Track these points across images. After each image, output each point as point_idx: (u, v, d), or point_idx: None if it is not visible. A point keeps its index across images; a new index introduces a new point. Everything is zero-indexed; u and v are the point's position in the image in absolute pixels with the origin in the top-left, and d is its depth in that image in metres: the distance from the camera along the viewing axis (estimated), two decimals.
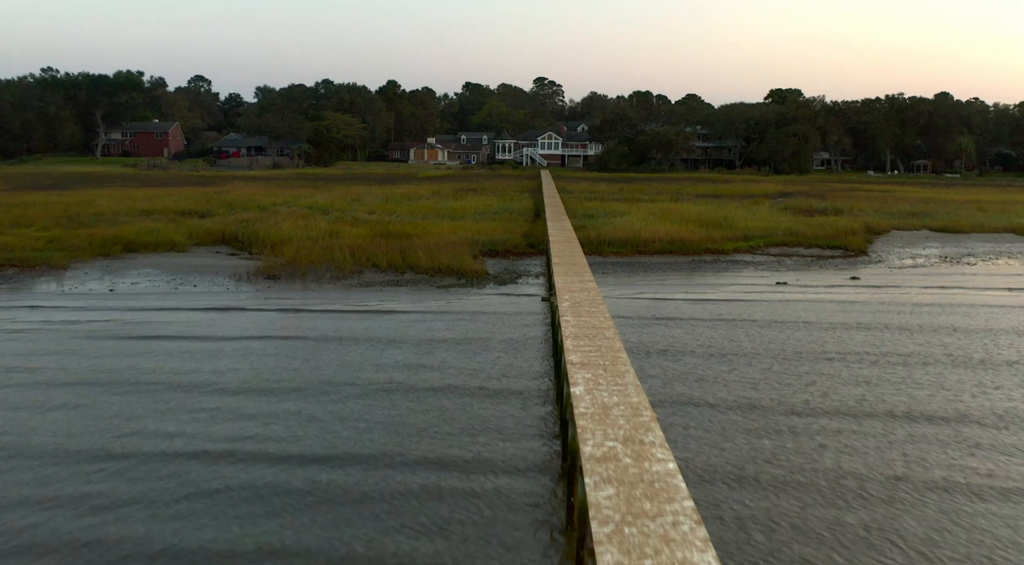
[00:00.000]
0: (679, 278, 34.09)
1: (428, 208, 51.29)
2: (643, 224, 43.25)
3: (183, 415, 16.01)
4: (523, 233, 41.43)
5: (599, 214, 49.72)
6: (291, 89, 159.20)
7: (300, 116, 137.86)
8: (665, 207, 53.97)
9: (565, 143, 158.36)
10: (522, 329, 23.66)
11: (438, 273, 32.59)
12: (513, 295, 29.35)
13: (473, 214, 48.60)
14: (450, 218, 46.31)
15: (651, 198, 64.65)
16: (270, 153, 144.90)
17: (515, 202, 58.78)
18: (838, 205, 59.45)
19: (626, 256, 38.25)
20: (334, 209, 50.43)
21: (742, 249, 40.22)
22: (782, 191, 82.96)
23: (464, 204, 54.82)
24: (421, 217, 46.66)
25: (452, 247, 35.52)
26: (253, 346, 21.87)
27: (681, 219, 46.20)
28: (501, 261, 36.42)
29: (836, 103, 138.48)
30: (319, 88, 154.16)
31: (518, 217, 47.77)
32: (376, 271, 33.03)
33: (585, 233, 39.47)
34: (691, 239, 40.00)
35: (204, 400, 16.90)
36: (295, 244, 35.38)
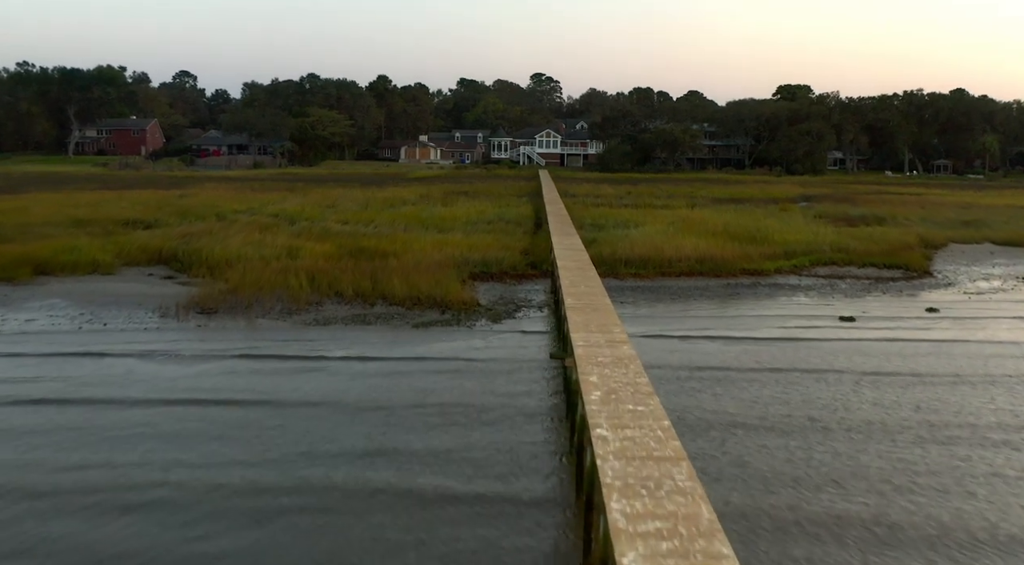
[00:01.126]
0: (714, 307, 27.93)
1: (412, 217, 45.00)
2: (664, 238, 37.02)
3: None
4: (522, 249, 35.17)
5: (609, 224, 43.49)
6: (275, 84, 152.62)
7: (283, 113, 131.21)
8: (683, 215, 47.74)
9: (564, 141, 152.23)
10: (522, 397, 17.43)
11: (417, 304, 26.30)
12: (511, 334, 23.17)
13: (464, 224, 42.33)
14: (436, 230, 40.04)
15: (664, 203, 58.44)
16: (252, 152, 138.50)
17: (512, 208, 52.53)
18: (877, 212, 53.26)
19: (647, 278, 32.00)
20: (303, 218, 44.12)
21: (785, 269, 33.98)
22: (803, 194, 76.90)
23: (454, 211, 48.54)
24: (402, 228, 40.37)
25: (436, 269, 29.27)
26: (137, 417, 15.86)
27: (706, 231, 39.99)
28: (496, 286, 30.12)
29: (851, 99, 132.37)
30: (304, 83, 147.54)
31: (516, 228, 41.51)
32: (339, 302, 26.72)
33: (597, 249, 33.25)
34: (723, 257, 33.78)
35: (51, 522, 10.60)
36: (243, 266, 29.05)
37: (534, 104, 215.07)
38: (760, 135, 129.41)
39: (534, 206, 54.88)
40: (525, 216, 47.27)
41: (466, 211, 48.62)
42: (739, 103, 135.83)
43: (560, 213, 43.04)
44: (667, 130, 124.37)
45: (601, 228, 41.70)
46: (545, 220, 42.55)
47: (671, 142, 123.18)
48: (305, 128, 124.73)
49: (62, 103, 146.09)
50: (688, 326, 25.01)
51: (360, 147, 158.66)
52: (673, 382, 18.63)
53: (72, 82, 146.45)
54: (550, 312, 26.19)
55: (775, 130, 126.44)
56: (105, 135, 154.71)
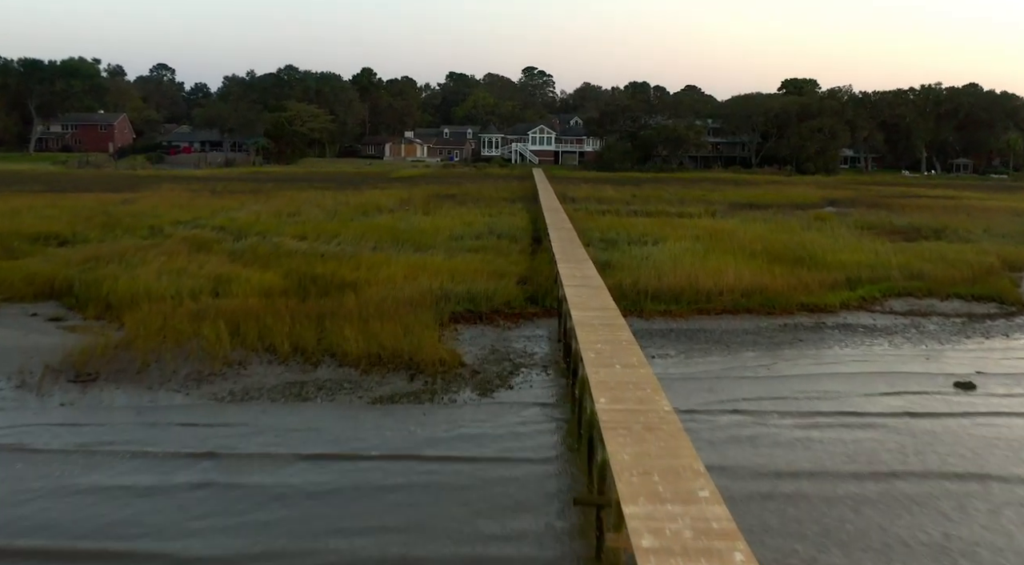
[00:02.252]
0: (773, 361, 21.29)
1: (386, 230, 38.06)
2: (694, 260, 30.23)
3: None
4: (518, 276, 28.29)
5: (622, 238, 36.69)
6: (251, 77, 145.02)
7: (259, 107, 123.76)
8: (707, 227, 40.97)
9: (559, 138, 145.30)
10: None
11: (377, 365, 19.43)
12: (508, 418, 16.40)
13: (446, 240, 35.43)
14: (413, 248, 33.13)
15: (680, 210, 51.65)
16: (226, 149, 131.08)
17: (505, 217, 45.66)
18: (928, 222, 46.59)
19: (681, 318, 25.17)
20: (253, 232, 37.12)
21: (852, 304, 27.18)
22: (827, 198, 70.29)
23: (436, 222, 41.62)
24: (371, 247, 33.45)
25: (407, 309, 22.44)
26: None
27: (741, 249, 33.22)
28: (485, 332, 23.22)
29: (865, 94, 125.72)
30: (282, 75, 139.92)
31: (510, 246, 34.61)
32: (271, 362, 19.80)
33: (614, 276, 26.44)
34: (774, 288, 26.99)
35: None
36: (149, 307, 22.10)
37: (526, 99, 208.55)
38: (768, 132, 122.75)
39: (530, 214, 48.03)
40: (520, 228, 40.40)
41: (451, 221, 41.70)
42: (745, 98, 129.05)
43: (563, 225, 36.22)
44: (669, 126, 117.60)
45: (613, 245, 34.88)
46: (544, 233, 35.77)
47: (674, 139, 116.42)
48: (281, 123, 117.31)
49: (23, 96, 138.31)
50: (744, 392, 18.42)
51: (342, 144, 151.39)
52: (744, 503, 12.00)
53: (33, 74, 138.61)
54: (559, 373, 19.43)
55: (784, 127, 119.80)
56: (70, 131, 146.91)
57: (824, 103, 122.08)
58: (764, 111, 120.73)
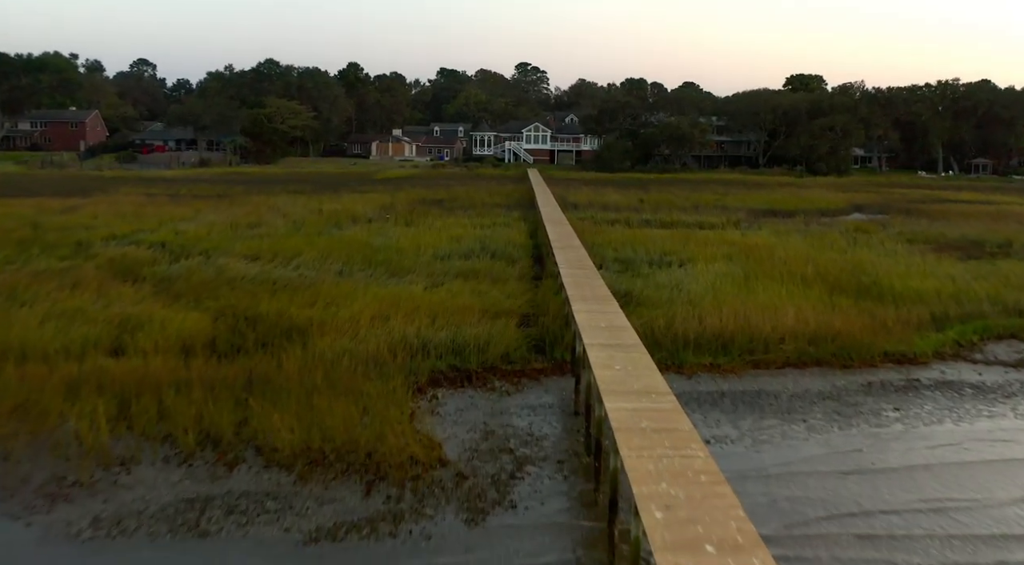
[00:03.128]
0: (868, 443, 15.67)
1: (357, 247, 32.24)
2: (736, 291, 24.54)
3: None
4: (518, 313, 22.53)
5: (641, 258, 30.96)
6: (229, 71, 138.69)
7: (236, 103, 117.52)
8: (738, 242, 35.26)
9: (554, 136, 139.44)
10: None
11: (319, 466, 13.67)
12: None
13: (430, 260, 29.63)
14: (387, 272, 27.33)
15: (699, 219, 45.92)
16: (202, 147, 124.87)
17: (500, 229, 39.89)
18: (987, 235, 41.00)
19: (732, 374, 19.44)
20: (197, 250, 31.26)
21: (946, 351, 21.45)
22: (852, 203, 64.72)
23: (419, 236, 35.80)
24: (337, 270, 27.64)
25: (369, 370, 16.70)
26: None
27: (789, 273, 27.52)
28: (476, 399, 17.43)
29: (879, 90, 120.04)
30: (262, 69, 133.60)
31: (507, 268, 28.77)
32: (169, 459, 14.01)
33: (642, 316, 20.77)
34: (845, 330, 21.27)
35: None
36: (11, 372, 16.27)
37: (520, 96, 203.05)
38: (776, 130, 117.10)
39: (529, 224, 42.29)
40: (518, 244, 34.59)
41: (435, 236, 35.90)
42: (752, 94, 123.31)
43: (569, 242, 30.47)
44: (672, 124, 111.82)
45: (631, 267, 29.13)
46: (548, 252, 30.07)
47: (677, 137, 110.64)
48: (260, 121, 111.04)
49: None
50: (848, 500, 12.84)
51: (327, 142, 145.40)
52: None
53: None
54: (579, 473, 13.76)
55: (793, 124, 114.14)
56: (39, 128, 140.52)
57: (836, 100, 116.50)
58: (772, 108, 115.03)
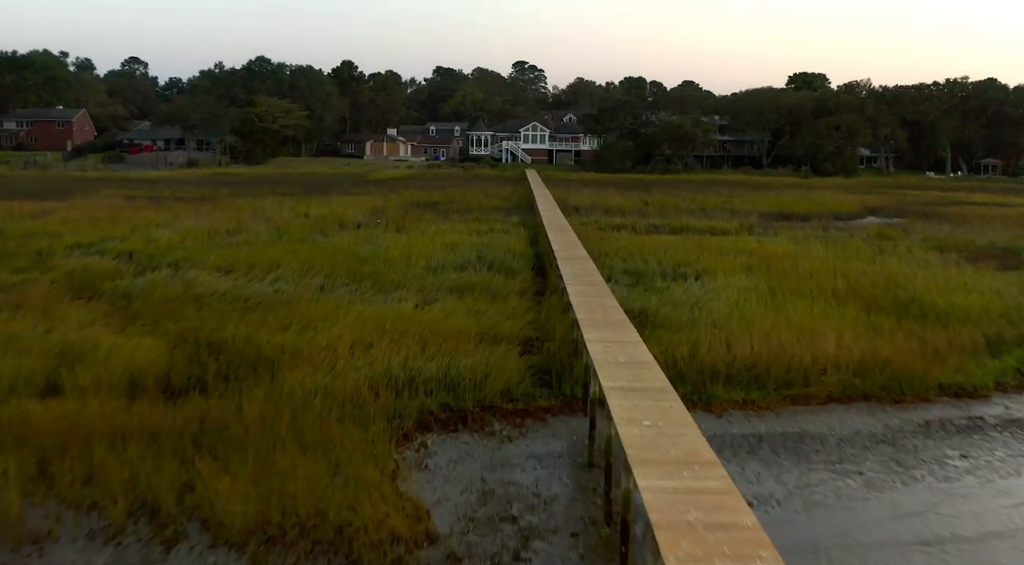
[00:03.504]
0: (936, 501, 13.19)
1: (343, 256, 29.69)
2: (764, 310, 22.02)
3: None
4: (520, 336, 19.99)
5: (653, 270, 28.44)
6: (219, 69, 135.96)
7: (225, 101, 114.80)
8: (756, 250, 32.77)
9: (553, 136, 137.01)
10: None
11: (277, 544, 11.08)
12: None
13: (421, 273, 27.08)
14: (374, 287, 24.80)
15: (709, 224, 43.42)
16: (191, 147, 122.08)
17: (498, 236, 37.36)
18: (1015, 241, 38.56)
19: (768, 411, 16.92)
20: (168, 260, 28.69)
21: (1008, 381, 18.89)
22: (866, 205, 62.27)
23: (411, 244, 33.24)
24: (319, 285, 25.11)
25: (346, 408, 14.21)
26: None
27: (817, 288, 25.02)
28: (472, 447, 14.86)
29: (886, 89, 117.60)
30: (252, 67, 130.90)
31: (506, 282, 26.18)
32: (95, 534, 11.41)
33: (661, 341, 18.29)
34: (893, 357, 18.76)
35: None
36: None
37: (517, 95, 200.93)
38: (780, 129, 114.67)
39: (529, 230, 39.79)
40: (518, 253, 32.03)
41: (428, 244, 33.35)
42: (756, 92, 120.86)
43: (574, 252, 27.97)
44: (675, 123, 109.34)
45: (644, 281, 26.61)
46: (551, 263, 27.61)
47: (680, 137, 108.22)
48: (250, 119, 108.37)
49: None
50: None
51: (320, 142, 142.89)
52: None
53: None
54: (598, 551, 11.23)
55: (798, 124, 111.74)
56: (25, 127, 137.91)
57: (841, 98, 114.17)
58: (777, 107, 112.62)
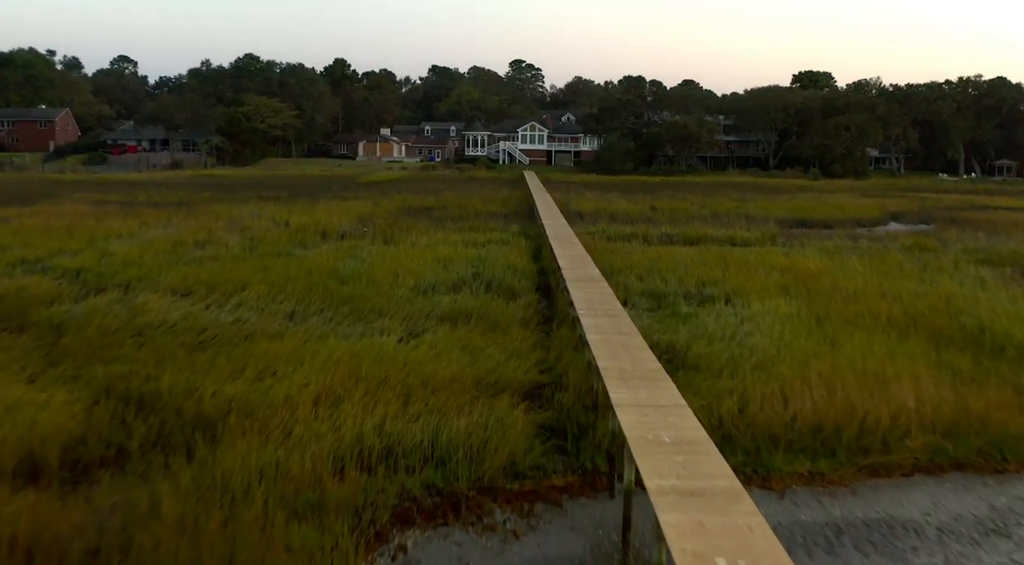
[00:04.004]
0: None
1: (320, 275, 26.18)
2: (816, 345, 18.59)
3: None
4: (526, 382, 16.47)
5: (675, 290, 24.97)
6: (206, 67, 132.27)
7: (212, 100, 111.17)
8: (787, 265, 29.32)
9: (552, 136, 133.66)
10: None
11: None
12: None
13: (408, 296, 23.57)
14: (352, 315, 21.29)
15: (727, 233, 39.98)
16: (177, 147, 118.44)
17: (496, 248, 33.88)
18: None
19: (842, 487, 13.46)
20: (116, 281, 25.16)
21: None
22: (887, 211, 58.91)
23: (398, 259, 29.73)
24: (287, 313, 21.59)
25: (300, 496, 10.69)
26: None
27: (869, 313, 21.61)
28: (465, 548, 11.34)
29: (897, 87, 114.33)
30: (240, 65, 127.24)
31: (506, 308, 22.57)
32: None
33: (700, 390, 14.93)
34: (987, 414, 15.31)
35: None
36: None
37: (514, 94, 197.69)
38: (787, 129, 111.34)
39: (530, 241, 36.37)
40: (519, 269, 28.53)
41: (419, 258, 29.86)
42: (762, 91, 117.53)
43: (585, 270, 24.55)
44: (679, 123, 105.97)
45: (667, 305, 23.15)
46: (559, 284, 24.23)
47: (684, 137, 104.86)
48: (237, 119, 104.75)
49: None
50: None
51: (311, 142, 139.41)
52: None
53: None
54: None
55: (806, 124, 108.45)
56: (6, 127, 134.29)
57: (851, 97, 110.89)
58: (784, 106, 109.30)
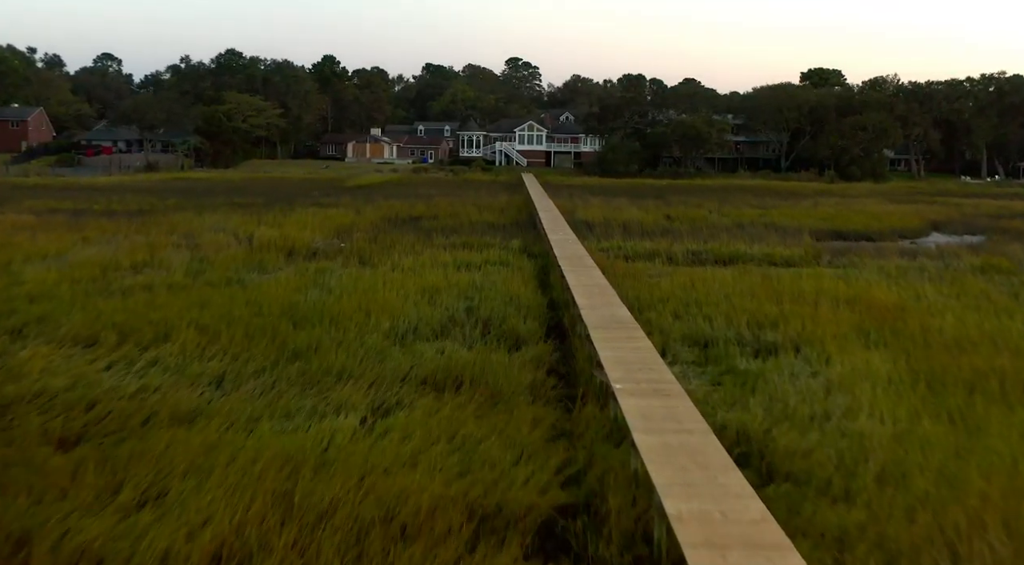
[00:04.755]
0: None
1: (273, 312, 20.82)
2: (947, 433, 13.28)
3: None
4: (543, 507, 11.13)
5: (724, 336, 19.55)
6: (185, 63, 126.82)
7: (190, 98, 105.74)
8: (852, 296, 24.02)
9: (550, 136, 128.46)
10: None
11: None
12: None
13: (381, 343, 18.15)
14: (301, 379, 15.93)
15: (764, 251, 34.67)
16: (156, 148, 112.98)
17: (495, 271, 28.54)
18: None
19: None
20: (7, 323, 19.80)
21: None
22: (924, 218, 53.78)
23: (374, 288, 24.32)
24: (215, 375, 16.22)
25: None
26: None
27: (995, 373, 16.32)
28: None
29: (916, 85, 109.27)
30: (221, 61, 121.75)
31: (509, 364, 17.15)
32: None
33: (811, 520, 9.54)
34: None
35: None
36: None
37: (511, 92, 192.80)
38: (800, 129, 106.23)
39: (534, 262, 31.10)
40: (524, 300, 23.14)
41: (399, 287, 24.50)
42: (774, 89, 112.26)
43: (610, 311, 19.29)
44: (686, 122, 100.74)
45: (718, 357, 17.84)
46: (573, 324, 18.98)
47: (692, 138, 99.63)
48: (217, 118, 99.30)
49: None
50: None
51: (298, 143, 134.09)
52: None
53: None
54: None
55: (820, 123, 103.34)
56: None
57: (867, 96, 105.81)
58: (797, 105, 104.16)
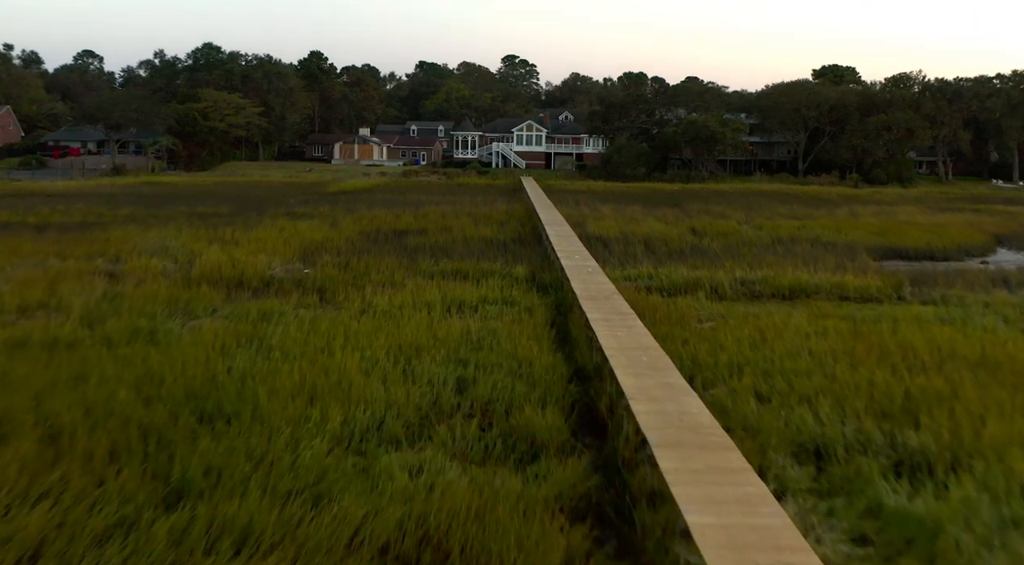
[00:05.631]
0: None
1: (171, 393, 14.55)
2: None
3: None
4: None
5: (842, 438, 13.28)
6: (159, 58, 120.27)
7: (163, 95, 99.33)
8: (998, 360, 17.75)
9: (550, 136, 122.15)
10: None
11: None
12: None
13: (320, 455, 11.80)
14: (172, 548, 9.55)
15: (831, 280, 28.32)
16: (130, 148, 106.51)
17: (493, 316, 22.19)
18: None
19: None
20: None
21: None
22: (985, 230, 47.57)
23: (330, 347, 17.95)
24: (33, 542, 9.82)
25: None
26: None
27: None
28: None
29: (943, 82, 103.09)
30: (197, 56, 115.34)
31: (524, 521, 10.93)
32: None
33: None
34: None
35: None
36: None
37: (507, 91, 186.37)
38: (819, 130, 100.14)
39: (545, 300, 24.75)
40: (537, 368, 16.79)
41: (365, 344, 18.11)
42: (790, 86, 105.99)
43: (679, 407, 13.06)
44: (698, 122, 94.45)
45: (845, 482, 11.50)
46: (611, 414, 12.65)
47: (706, 139, 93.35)
48: (192, 117, 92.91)
49: None
50: None
51: (283, 143, 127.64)
52: None
53: None
54: None
55: (841, 123, 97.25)
56: None
57: (892, 93, 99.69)
58: (816, 104, 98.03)
